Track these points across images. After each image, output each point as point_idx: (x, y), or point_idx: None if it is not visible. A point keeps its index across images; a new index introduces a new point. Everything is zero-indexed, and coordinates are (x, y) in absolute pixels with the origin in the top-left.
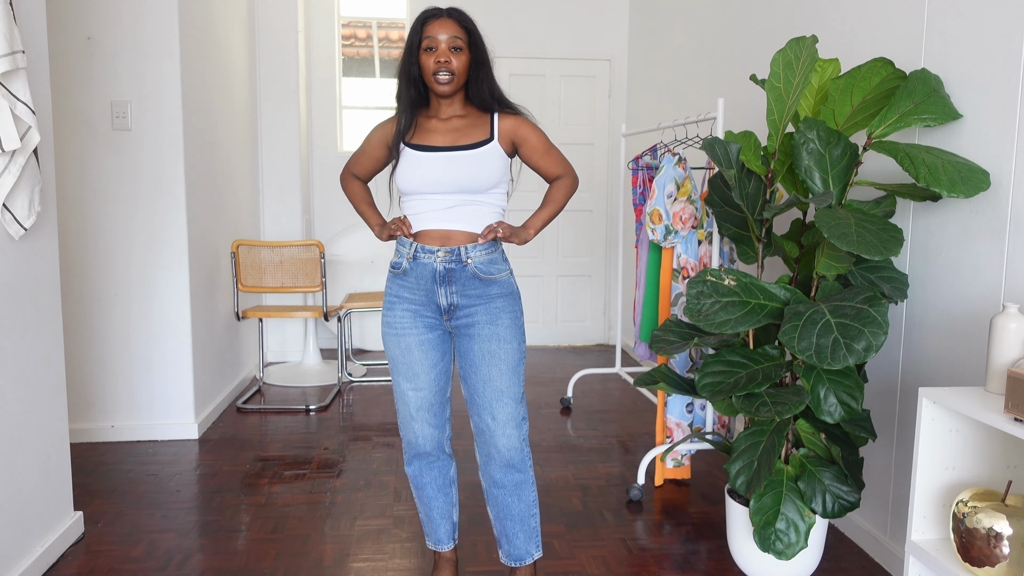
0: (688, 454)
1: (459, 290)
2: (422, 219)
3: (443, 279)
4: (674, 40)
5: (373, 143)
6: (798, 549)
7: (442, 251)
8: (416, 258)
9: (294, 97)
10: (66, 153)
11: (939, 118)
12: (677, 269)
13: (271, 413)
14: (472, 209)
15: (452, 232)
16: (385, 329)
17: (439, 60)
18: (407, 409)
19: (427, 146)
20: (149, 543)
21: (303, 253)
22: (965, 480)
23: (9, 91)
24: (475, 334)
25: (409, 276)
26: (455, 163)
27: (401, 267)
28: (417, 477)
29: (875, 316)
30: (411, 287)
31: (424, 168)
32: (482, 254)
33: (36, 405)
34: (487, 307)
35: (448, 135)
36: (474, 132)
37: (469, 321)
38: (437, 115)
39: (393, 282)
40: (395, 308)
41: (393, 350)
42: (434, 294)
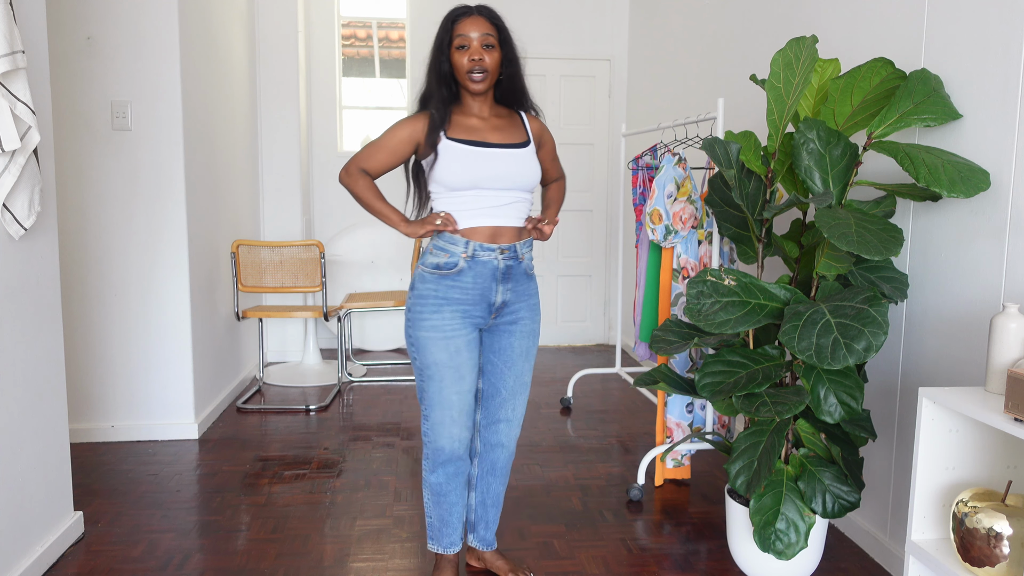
0: (688, 454)
1: (512, 287)
2: (471, 215)
3: (503, 277)
4: (674, 40)
5: (400, 138)
6: (798, 549)
7: (500, 248)
8: (474, 256)
9: (294, 97)
10: (66, 153)
11: (939, 118)
12: (677, 269)
13: (271, 413)
14: (520, 207)
15: (502, 229)
16: (430, 333)
17: (473, 58)
18: (449, 413)
19: (479, 142)
20: (149, 543)
21: (303, 253)
22: (965, 480)
23: (9, 91)
24: (517, 330)
25: (465, 276)
26: (512, 160)
27: (456, 267)
28: (442, 485)
29: (875, 316)
30: (465, 287)
31: (481, 163)
32: (528, 251)
33: (36, 405)
34: (528, 303)
35: (496, 133)
36: (515, 132)
37: (514, 318)
38: (475, 113)
39: (439, 283)
40: (443, 311)
41: (439, 354)
42: (490, 293)
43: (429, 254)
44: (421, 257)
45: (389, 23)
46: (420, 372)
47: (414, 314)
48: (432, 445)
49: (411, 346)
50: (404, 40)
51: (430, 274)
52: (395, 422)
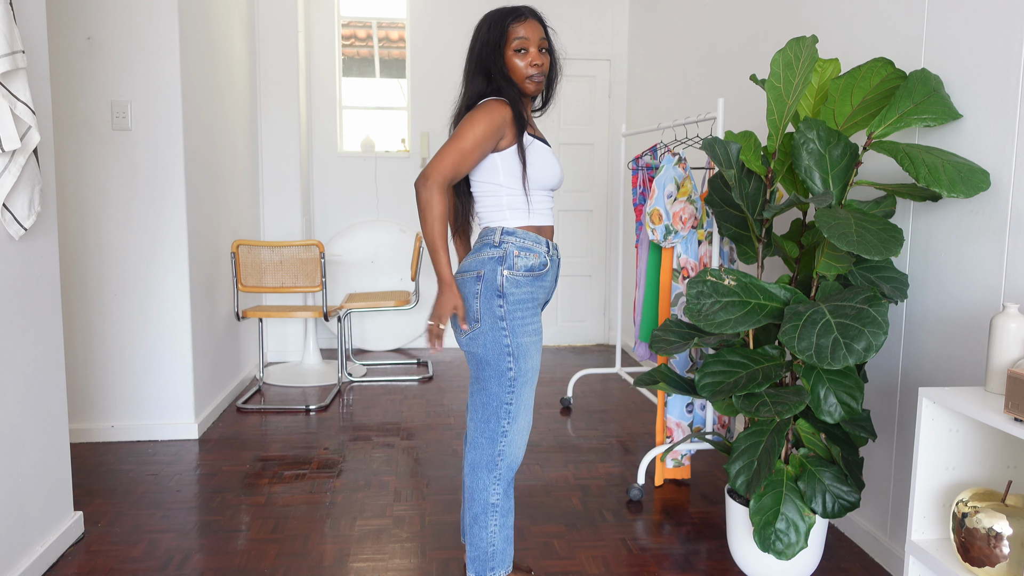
0: (688, 454)
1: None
2: (544, 215)
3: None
4: (674, 40)
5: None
6: (798, 549)
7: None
8: (552, 255)
9: (294, 97)
10: (66, 153)
11: (939, 118)
12: (677, 269)
13: (271, 413)
14: None
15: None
16: (533, 338)
17: (535, 63)
18: (528, 418)
19: (547, 141)
20: (149, 543)
21: (303, 253)
22: (965, 480)
23: (9, 91)
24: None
25: (548, 275)
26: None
27: (546, 267)
28: (510, 505)
29: (875, 316)
30: (547, 286)
31: (555, 163)
32: None
33: (36, 405)
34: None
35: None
36: None
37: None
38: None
39: (532, 285)
40: (537, 313)
41: (537, 356)
42: (552, 291)
43: (515, 257)
44: (504, 261)
45: (389, 23)
46: (513, 383)
47: (513, 321)
48: (507, 460)
49: (507, 357)
50: (404, 40)
51: (523, 277)
52: (395, 422)
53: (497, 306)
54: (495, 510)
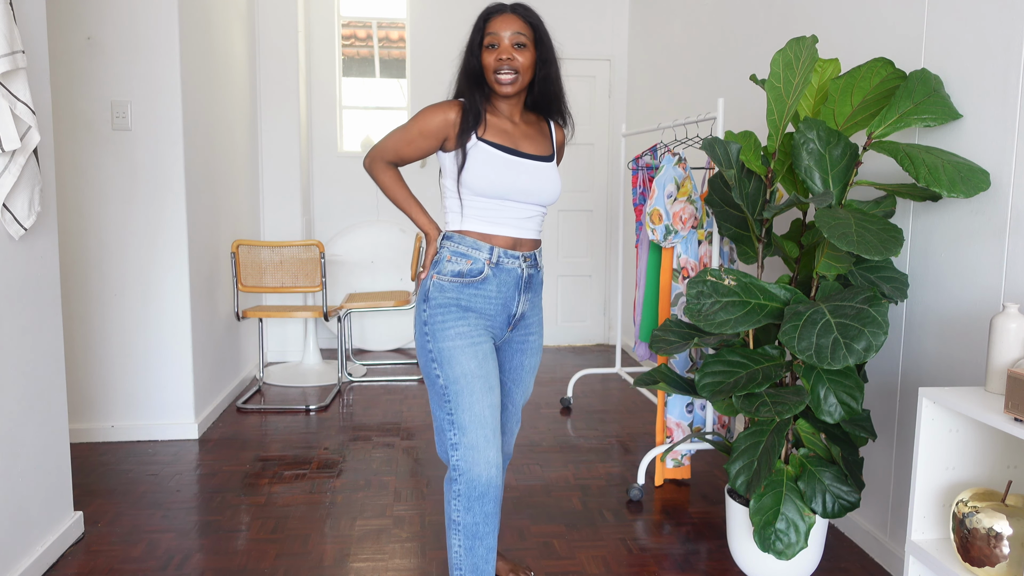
0: (688, 454)
1: (530, 298)
2: (492, 224)
3: (525, 285)
4: (674, 40)
5: (429, 131)
6: (798, 549)
7: (524, 255)
8: (499, 263)
9: (294, 97)
10: (66, 153)
11: (939, 118)
12: (677, 269)
13: (271, 413)
14: (539, 220)
15: (521, 240)
16: (456, 341)
17: (501, 57)
18: (482, 434)
19: (514, 149)
20: (149, 543)
21: (303, 253)
22: (965, 480)
23: (9, 91)
24: (529, 347)
25: (488, 283)
26: (542, 175)
27: (480, 274)
28: (479, 526)
29: (875, 316)
30: (488, 296)
31: (512, 173)
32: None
33: (36, 405)
34: (538, 316)
35: (529, 142)
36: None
37: (527, 332)
38: (506, 116)
39: (461, 291)
40: (467, 317)
41: (469, 363)
42: (511, 303)
43: (447, 262)
44: (435, 266)
45: (389, 23)
46: (446, 391)
47: (434, 325)
48: (466, 476)
49: (432, 363)
50: (404, 40)
51: (450, 283)
52: (395, 422)
53: (422, 310)
54: (456, 528)
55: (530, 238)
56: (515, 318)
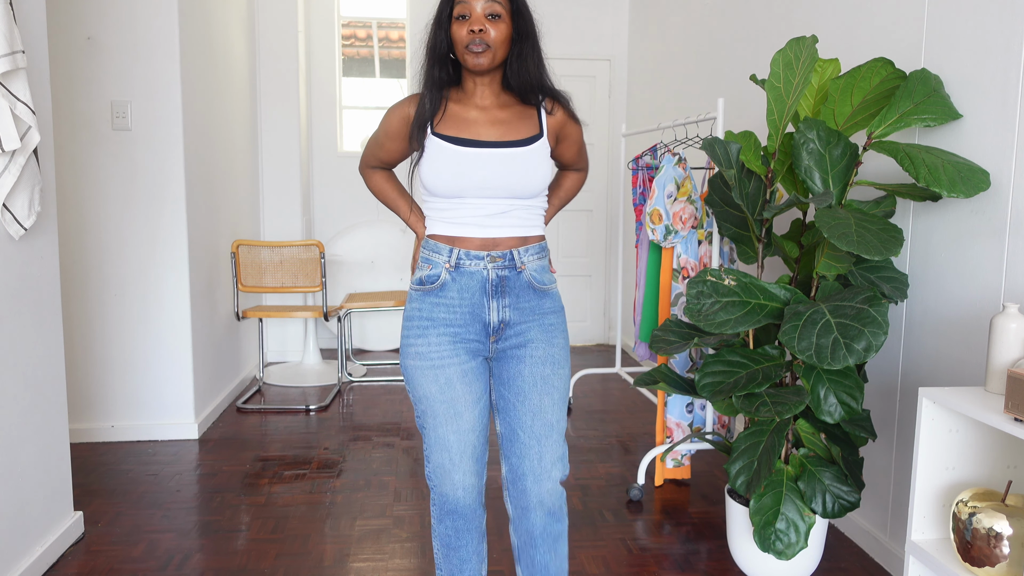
0: (688, 454)
1: (512, 303)
2: (456, 224)
3: (495, 289)
4: (674, 40)
5: (392, 132)
6: (798, 549)
7: (492, 255)
8: (459, 266)
9: (294, 97)
10: (66, 153)
11: (939, 118)
12: (677, 269)
13: (271, 413)
14: (520, 214)
15: (497, 240)
16: (415, 362)
17: (472, 29)
18: (447, 457)
19: (468, 139)
20: (149, 543)
21: (303, 253)
22: (965, 480)
23: (9, 91)
24: (527, 356)
25: (448, 290)
26: (506, 163)
27: (438, 280)
28: (451, 538)
29: (875, 316)
30: (451, 304)
31: (466, 166)
32: (535, 259)
33: (36, 405)
34: (541, 323)
35: (493, 127)
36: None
37: (521, 340)
38: (475, 101)
39: (423, 301)
40: (428, 334)
41: (429, 387)
42: (482, 310)
43: (418, 269)
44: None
45: (389, 23)
46: (415, 407)
47: (402, 340)
48: (436, 491)
49: (404, 377)
50: (404, 40)
51: (415, 291)
52: (395, 422)
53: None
54: (435, 535)
55: (509, 236)
56: (494, 327)
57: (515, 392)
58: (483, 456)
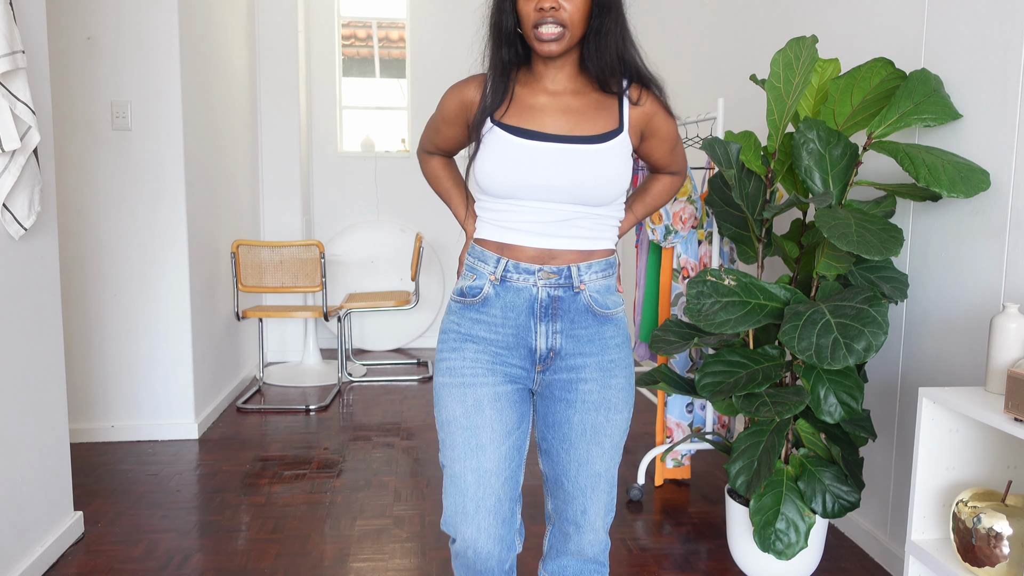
0: (688, 454)
1: (565, 328)
2: (513, 232)
3: (545, 311)
4: (674, 40)
5: (449, 117)
6: (798, 549)
7: (545, 270)
8: (505, 279)
9: (294, 97)
10: (66, 153)
11: (939, 118)
12: (677, 269)
13: (271, 413)
14: (585, 223)
15: (555, 252)
16: (444, 378)
17: (543, 7)
18: (463, 500)
19: (533, 131)
20: (149, 543)
21: (303, 253)
22: (965, 480)
23: (9, 91)
24: (578, 398)
25: (491, 306)
26: (574, 162)
27: (480, 292)
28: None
29: (875, 316)
30: (493, 323)
31: (526, 163)
32: (598, 277)
33: (36, 405)
34: (600, 358)
35: (563, 117)
36: (599, 117)
37: (572, 377)
38: (545, 86)
39: (463, 315)
40: (464, 348)
41: (454, 407)
42: (528, 333)
43: (461, 276)
44: None
45: (389, 23)
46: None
47: (436, 356)
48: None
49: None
50: (404, 40)
51: (455, 303)
52: (395, 422)
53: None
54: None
55: (569, 248)
56: (541, 355)
57: (560, 438)
58: (511, 516)
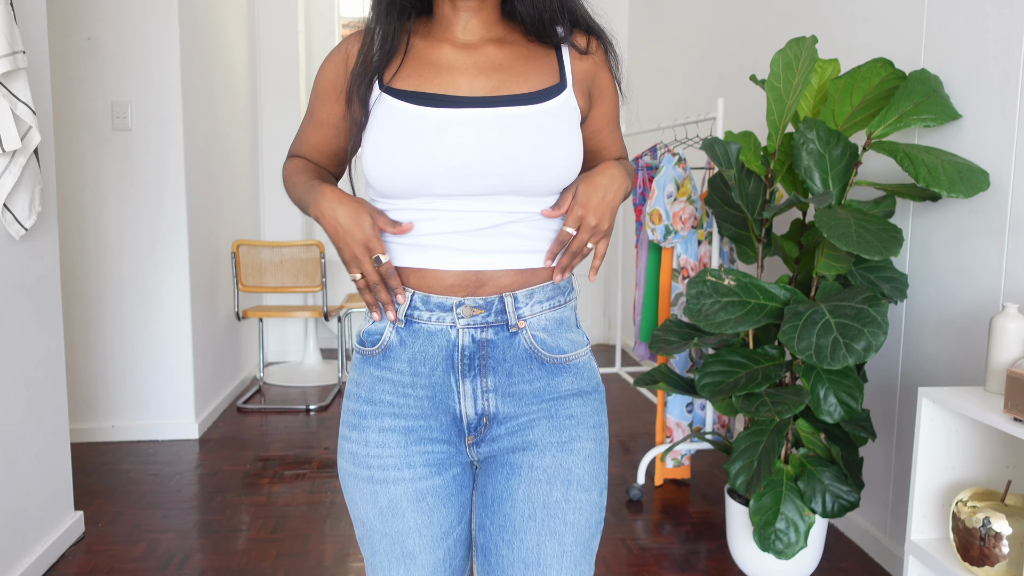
0: (688, 454)
1: (501, 385)
2: (419, 251)
3: (469, 362)
4: (674, 40)
5: (326, 89)
6: (798, 549)
7: (467, 304)
8: (412, 320)
9: (294, 97)
10: (67, 153)
11: (938, 118)
12: (677, 269)
13: (271, 413)
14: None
15: (482, 275)
16: (348, 465)
17: None
18: None
19: (438, 96)
20: (149, 543)
21: (303, 253)
22: (964, 480)
23: (10, 91)
24: (524, 465)
25: (397, 358)
26: (505, 131)
27: (381, 341)
28: None
29: (875, 316)
30: (401, 380)
31: (433, 141)
32: (545, 309)
33: (37, 405)
34: (553, 418)
35: (482, 75)
36: (531, 71)
37: (515, 443)
38: (454, 35)
39: (363, 371)
40: (366, 426)
41: (366, 508)
42: (449, 394)
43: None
44: None
45: None
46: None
47: (343, 429)
48: None
49: None
50: None
51: (356, 353)
52: None
53: None
54: None
55: (501, 268)
56: (470, 423)
57: (500, 526)
58: None
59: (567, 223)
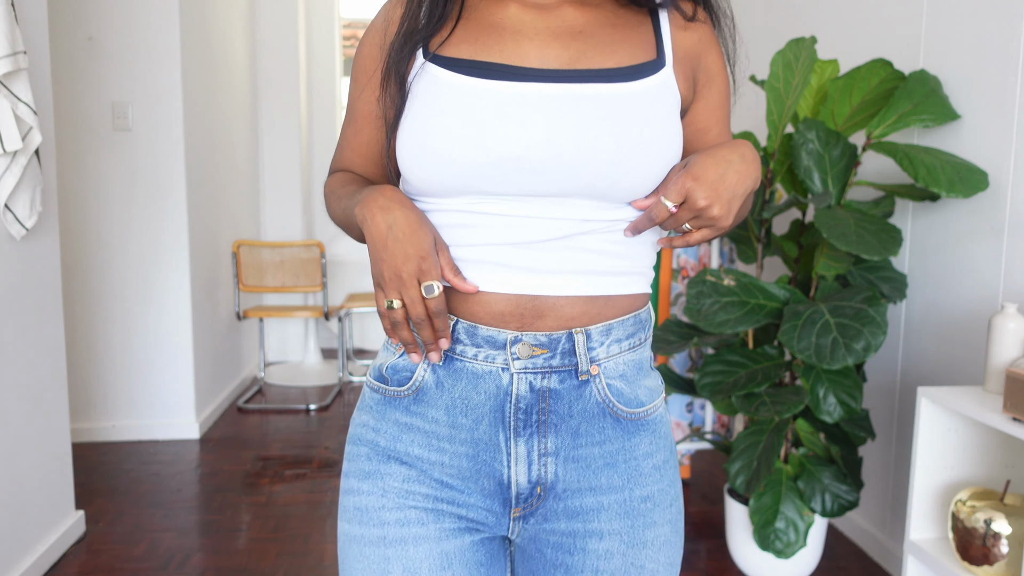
0: (688, 454)
1: (563, 446)
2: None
3: (526, 417)
4: None
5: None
6: (797, 548)
7: (525, 340)
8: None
9: (294, 97)
10: (67, 153)
11: (938, 119)
12: (677, 269)
13: (272, 413)
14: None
15: (547, 300)
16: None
17: None
18: None
19: (499, 65)
20: (150, 542)
21: (304, 253)
22: (964, 479)
23: (11, 92)
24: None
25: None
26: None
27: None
28: None
29: (874, 316)
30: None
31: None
32: (623, 349)
33: (38, 405)
34: (628, 496)
35: (556, 42)
36: (621, 41)
37: (577, 528)
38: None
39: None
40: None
41: None
42: (496, 454)
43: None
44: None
45: None
46: None
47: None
48: None
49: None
50: None
51: (371, 390)
52: None
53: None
54: None
55: (571, 294)
56: (520, 492)
57: None
58: None
59: (668, 194)
